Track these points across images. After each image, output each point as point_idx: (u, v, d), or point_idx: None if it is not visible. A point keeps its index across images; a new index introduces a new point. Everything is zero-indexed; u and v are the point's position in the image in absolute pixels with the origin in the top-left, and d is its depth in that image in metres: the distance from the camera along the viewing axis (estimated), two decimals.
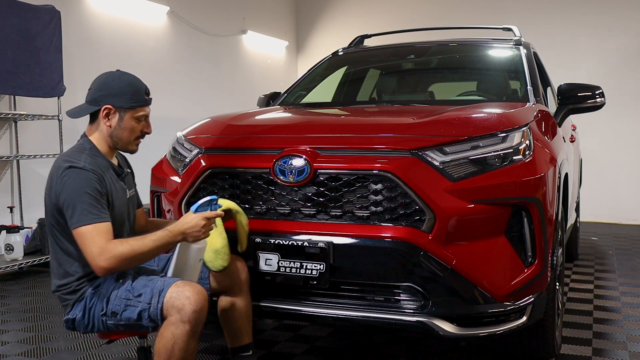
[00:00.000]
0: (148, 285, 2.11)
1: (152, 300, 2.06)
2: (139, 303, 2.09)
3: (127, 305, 2.11)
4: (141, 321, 2.10)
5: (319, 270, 2.37)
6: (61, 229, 2.17)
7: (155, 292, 2.07)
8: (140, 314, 2.08)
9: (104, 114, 2.21)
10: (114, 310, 2.12)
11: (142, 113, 2.25)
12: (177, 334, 2.01)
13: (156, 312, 2.06)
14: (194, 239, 2.17)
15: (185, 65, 7.19)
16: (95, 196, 2.09)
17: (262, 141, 2.69)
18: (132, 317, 2.10)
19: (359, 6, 9.15)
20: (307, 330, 3.44)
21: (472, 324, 2.36)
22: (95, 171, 2.14)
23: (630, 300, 4.06)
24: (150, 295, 2.07)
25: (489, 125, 2.55)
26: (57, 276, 2.23)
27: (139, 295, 2.10)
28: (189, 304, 2.01)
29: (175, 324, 2.01)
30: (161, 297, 2.06)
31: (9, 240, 4.71)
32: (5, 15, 4.63)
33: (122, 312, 2.11)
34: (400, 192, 2.30)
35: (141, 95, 2.24)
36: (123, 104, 2.21)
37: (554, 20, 7.83)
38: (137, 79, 2.28)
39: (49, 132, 5.37)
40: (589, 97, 3.33)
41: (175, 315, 2.02)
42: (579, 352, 3.07)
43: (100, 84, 2.23)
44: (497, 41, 4.01)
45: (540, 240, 2.39)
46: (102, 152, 2.26)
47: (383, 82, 4.35)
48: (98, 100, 2.22)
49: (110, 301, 2.13)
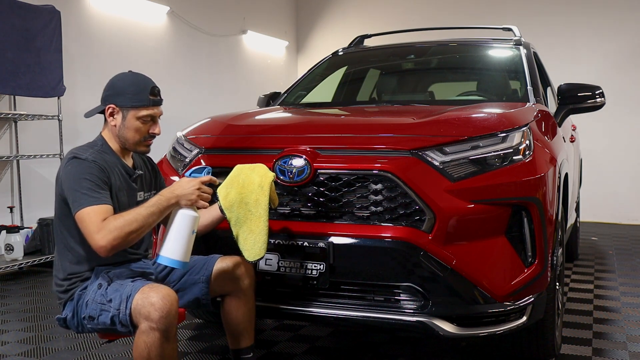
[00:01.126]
0: (119, 290, 2.07)
1: (121, 307, 2.03)
2: (111, 308, 2.06)
3: (102, 310, 2.09)
4: (115, 326, 2.07)
5: (319, 270, 2.37)
6: (66, 222, 2.18)
7: (124, 297, 2.03)
8: (113, 319, 2.06)
9: (109, 113, 2.25)
10: (91, 315, 2.11)
11: (146, 113, 2.22)
12: (149, 342, 1.97)
13: (125, 318, 2.02)
14: (187, 202, 2.14)
15: (185, 65, 7.20)
16: (94, 182, 2.09)
17: (262, 141, 2.70)
18: (107, 322, 2.08)
19: (359, 6, 9.15)
20: (307, 330, 3.44)
21: (472, 324, 2.36)
22: (97, 162, 2.15)
23: (630, 300, 4.06)
24: (119, 301, 2.04)
25: (489, 125, 2.55)
26: (56, 275, 2.25)
27: (110, 300, 2.07)
28: (154, 311, 1.96)
29: (145, 332, 1.97)
30: (129, 303, 2.02)
31: (9, 240, 4.71)
32: (5, 15, 4.63)
33: (98, 317, 2.10)
34: (400, 192, 2.30)
35: (144, 95, 2.22)
36: (124, 103, 2.21)
37: (554, 20, 7.83)
38: (144, 79, 2.26)
39: (49, 132, 5.36)
40: (588, 97, 3.33)
41: (144, 322, 1.98)
42: (579, 352, 3.07)
43: (108, 84, 2.27)
44: (497, 41, 4.01)
45: (540, 240, 2.39)
46: (114, 150, 2.28)
47: (383, 82, 4.35)
48: (105, 100, 2.25)
49: (88, 305, 2.13)
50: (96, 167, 2.13)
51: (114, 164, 2.24)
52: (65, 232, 2.21)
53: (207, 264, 2.41)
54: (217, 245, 2.58)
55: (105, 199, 2.09)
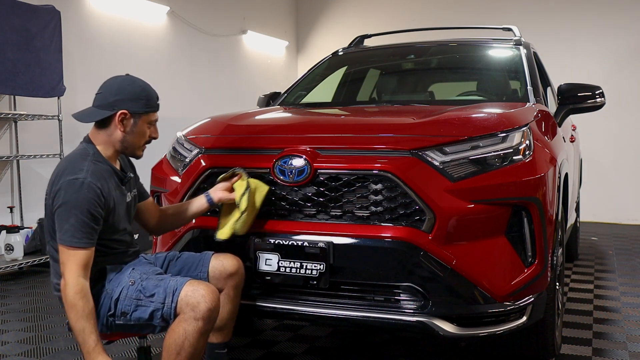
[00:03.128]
0: (160, 285, 2.13)
1: (166, 300, 2.09)
2: (151, 303, 2.11)
3: (138, 305, 2.13)
4: (152, 321, 2.12)
5: (319, 270, 2.37)
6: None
7: (169, 291, 2.10)
8: (153, 314, 2.11)
9: (119, 120, 2.20)
10: (124, 311, 2.14)
11: (154, 118, 2.30)
12: (188, 330, 2.05)
13: (169, 312, 2.09)
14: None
15: (185, 65, 7.20)
16: (88, 216, 2.06)
17: (262, 141, 2.70)
18: (143, 317, 2.12)
19: (359, 6, 9.15)
20: (307, 330, 3.44)
21: (472, 324, 2.36)
22: (95, 185, 2.10)
23: (630, 300, 4.06)
24: (164, 295, 2.10)
25: (489, 125, 2.55)
26: (58, 275, 2.20)
27: (152, 295, 2.12)
28: (204, 302, 2.06)
29: (188, 320, 2.05)
30: (175, 296, 2.09)
31: (9, 240, 4.71)
32: (5, 15, 4.63)
33: (133, 312, 2.13)
34: (400, 192, 2.30)
35: (154, 101, 2.28)
36: (138, 109, 2.22)
37: (554, 20, 7.83)
38: (147, 84, 2.29)
39: (49, 132, 5.37)
40: (589, 97, 3.33)
41: (189, 312, 2.06)
42: (579, 352, 3.07)
43: (115, 89, 2.21)
44: (497, 41, 4.01)
45: (540, 240, 2.39)
46: (106, 156, 2.24)
47: (383, 82, 4.35)
48: (113, 105, 2.19)
49: (119, 301, 2.14)
50: (93, 194, 2.08)
51: (109, 174, 2.21)
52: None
53: (202, 261, 2.42)
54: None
55: (91, 241, 2.07)
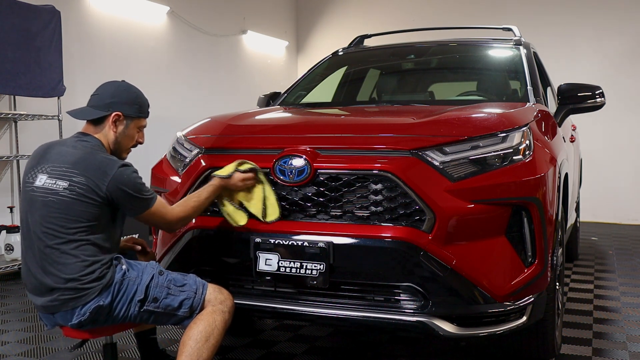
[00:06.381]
0: (188, 278, 2.31)
1: (198, 290, 2.27)
2: (182, 293, 2.26)
3: (169, 294, 2.26)
4: (179, 310, 2.25)
5: (319, 270, 2.37)
6: (86, 218, 2.17)
7: (199, 284, 2.29)
8: (182, 302, 2.25)
9: (113, 120, 2.34)
10: (156, 296, 2.24)
11: (144, 124, 2.45)
12: (218, 320, 2.22)
13: (199, 302, 2.26)
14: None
15: (185, 65, 7.19)
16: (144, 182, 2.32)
17: (262, 141, 2.70)
18: (172, 304, 2.25)
19: (359, 6, 9.15)
20: (307, 330, 3.44)
21: (472, 324, 2.36)
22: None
23: (630, 300, 4.06)
24: (195, 287, 2.28)
25: (489, 125, 2.55)
26: (73, 269, 2.15)
27: (183, 285, 2.27)
28: (229, 300, 2.31)
29: (219, 312, 2.24)
30: (204, 289, 2.28)
31: (9, 240, 4.71)
32: (5, 15, 4.63)
33: (163, 299, 2.25)
34: (400, 192, 2.30)
35: (146, 108, 2.45)
36: (132, 113, 2.37)
37: (554, 20, 7.83)
38: (142, 92, 2.45)
39: (49, 132, 5.36)
40: (589, 97, 3.33)
41: (219, 305, 2.25)
42: (579, 352, 3.08)
43: (112, 92, 2.36)
44: (497, 41, 4.01)
45: (540, 240, 2.39)
46: None
47: (383, 82, 4.35)
48: (108, 106, 2.34)
49: (151, 288, 2.24)
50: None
51: None
52: (82, 228, 2.17)
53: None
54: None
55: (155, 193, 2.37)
